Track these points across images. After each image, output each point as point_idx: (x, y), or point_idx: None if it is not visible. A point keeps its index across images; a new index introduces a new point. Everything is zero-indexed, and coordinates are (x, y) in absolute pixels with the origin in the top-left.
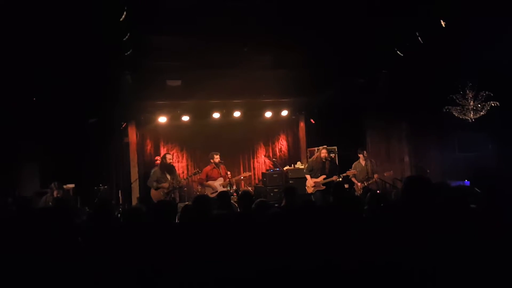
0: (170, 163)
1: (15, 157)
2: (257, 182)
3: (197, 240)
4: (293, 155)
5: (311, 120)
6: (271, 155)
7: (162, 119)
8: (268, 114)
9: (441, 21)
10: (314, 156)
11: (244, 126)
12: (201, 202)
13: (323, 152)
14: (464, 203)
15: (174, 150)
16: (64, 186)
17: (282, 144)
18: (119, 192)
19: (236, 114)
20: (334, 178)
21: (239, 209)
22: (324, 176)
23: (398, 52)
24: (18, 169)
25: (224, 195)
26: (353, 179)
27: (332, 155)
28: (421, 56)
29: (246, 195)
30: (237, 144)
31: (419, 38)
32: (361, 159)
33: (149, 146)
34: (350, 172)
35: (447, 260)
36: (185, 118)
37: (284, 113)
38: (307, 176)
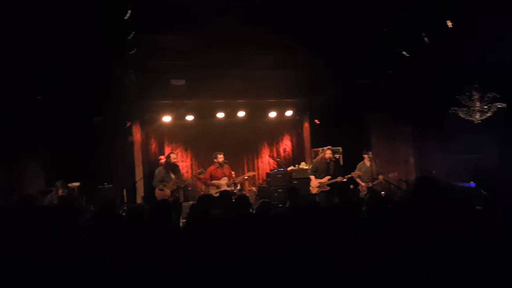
0: (175, 163)
1: (19, 156)
2: (261, 182)
3: (199, 240)
4: (298, 155)
5: (316, 120)
6: (275, 155)
7: (166, 119)
8: (272, 114)
9: (448, 21)
10: (319, 157)
11: (248, 126)
12: (205, 201)
13: (328, 152)
14: (469, 205)
15: (179, 150)
16: (69, 185)
17: (286, 145)
18: (124, 191)
19: (241, 114)
20: (339, 179)
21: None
22: (329, 177)
23: (404, 52)
24: (23, 167)
25: (225, 194)
26: (358, 180)
27: (337, 156)
28: (427, 57)
29: (242, 199)
30: (241, 144)
31: (425, 38)
32: (366, 160)
33: (153, 146)
34: (355, 173)
35: (452, 262)
36: (189, 117)
37: (289, 113)
38: (312, 177)
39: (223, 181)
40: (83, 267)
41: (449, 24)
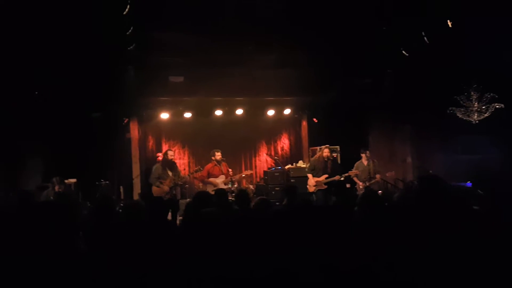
0: (172, 160)
1: (17, 152)
2: (258, 180)
3: (194, 238)
4: (295, 154)
5: (314, 119)
6: (273, 153)
7: (164, 116)
8: (270, 112)
9: (448, 21)
10: (316, 155)
11: (247, 124)
12: (201, 198)
13: (325, 151)
14: (466, 205)
15: (176, 147)
16: (65, 181)
17: (284, 143)
18: (121, 187)
19: (239, 112)
20: (336, 178)
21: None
22: (326, 175)
23: (403, 52)
24: (21, 164)
25: (221, 192)
26: (355, 179)
27: (334, 155)
28: (426, 57)
29: (243, 194)
30: (239, 142)
31: (425, 38)
32: (363, 159)
33: (151, 142)
34: (352, 172)
35: (449, 261)
36: (188, 115)
37: (287, 111)
38: (309, 175)
39: (220, 179)
40: (79, 263)
41: (449, 23)
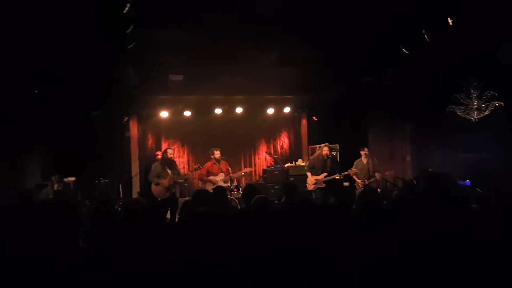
0: (171, 158)
1: (17, 150)
2: (257, 178)
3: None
4: (295, 152)
5: (313, 117)
6: (272, 152)
7: (163, 114)
8: (270, 110)
9: (448, 19)
10: (316, 154)
11: (246, 122)
12: (200, 197)
13: (325, 149)
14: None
15: (175, 145)
16: (64, 179)
17: (283, 141)
18: (120, 186)
19: (238, 110)
20: (336, 176)
21: (242, 205)
22: (325, 174)
23: (404, 50)
24: (20, 162)
25: (220, 190)
26: (355, 177)
27: (334, 153)
28: (425, 55)
29: (250, 190)
30: (238, 140)
31: (426, 36)
32: (362, 157)
33: (150, 141)
34: (352, 171)
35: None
36: (187, 113)
37: (287, 110)
38: (308, 174)
39: (220, 177)
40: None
41: (450, 21)
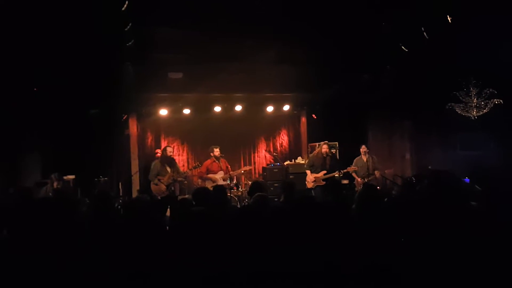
0: (171, 156)
1: (17, 148)
2: (257, 176)
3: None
4: (294, 150)
5: (313, 115)
6: (272, 149)
7: (163, 112)
8: (269, 108)
9: (448, 16)
10: (315, 152)
11: (246, 120)
12: (200, 195)
13: (324, 147)
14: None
15: (175, 143)
16: (64, 177)
17: (283, 139)
18: (119, 184)
19: (238, 108)
20: (335, 174)
21: (241, 203)
22: (325, 171)
23: (403, 47)
24: (20, 160)
25: (219, 189)
26: (354, 175)
27: (333, 151)
28: (425, 53)
29: (257, 186)
30: (238, 138)
31: (425, 33)
32: (362, 155)
33: (149, 139)
34: (351, 168)
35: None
36: (186, 111)
37: (286, 107)
38: (308, 172)
39: (219, 175)
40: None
41: (449, 19)
